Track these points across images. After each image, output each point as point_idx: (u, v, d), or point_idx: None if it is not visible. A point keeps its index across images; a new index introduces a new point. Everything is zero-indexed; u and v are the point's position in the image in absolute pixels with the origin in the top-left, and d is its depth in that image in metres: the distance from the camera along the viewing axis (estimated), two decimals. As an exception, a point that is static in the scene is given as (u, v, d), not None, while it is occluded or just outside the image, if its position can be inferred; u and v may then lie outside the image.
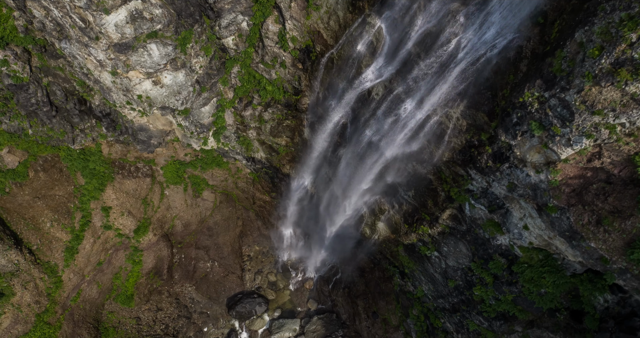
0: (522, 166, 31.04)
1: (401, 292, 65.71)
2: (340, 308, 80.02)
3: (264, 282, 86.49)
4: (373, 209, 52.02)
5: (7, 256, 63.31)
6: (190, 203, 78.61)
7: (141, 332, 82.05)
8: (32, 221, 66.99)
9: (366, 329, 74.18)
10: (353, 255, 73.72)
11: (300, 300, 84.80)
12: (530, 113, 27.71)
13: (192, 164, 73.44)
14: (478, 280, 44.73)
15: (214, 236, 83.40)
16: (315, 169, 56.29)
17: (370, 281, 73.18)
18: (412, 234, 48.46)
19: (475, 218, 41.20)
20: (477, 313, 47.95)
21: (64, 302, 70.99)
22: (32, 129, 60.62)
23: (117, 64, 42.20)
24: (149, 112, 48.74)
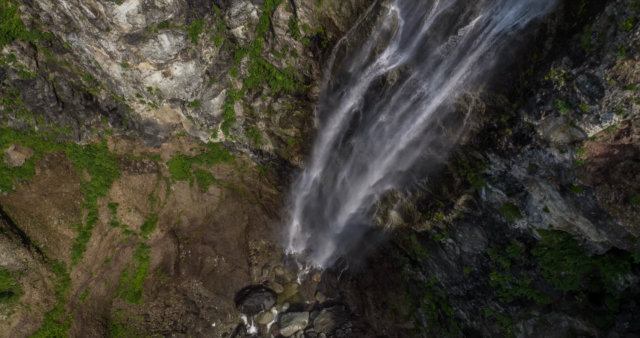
0: (545, 147, 30.64)
1: (411, 282, 65.37)
2: (349, 300, 79.64)
3: (271, 276, 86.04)
4: (385, 198, 51.57)
5: (15, 254, 62.61)
6: (197, 198, 77.98)
7: (150, 328, 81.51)
8: (39, 219, 66.26)
9: (376, 320, 73.85)
10: (361, 246, 73.31)
11: (308, 293, 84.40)
12: (555, 92, 27.28)
13: (197, 159, 72.80)
14: (494, 265, 44.38)
15: (221, 231, 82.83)
16: (325, 159, 55.76)
17: (379, 272, 72.79)
18: (426, 221, 48.05)
19: (491, 203, 40.81)
20: (492, 299, 47.63)
21: (72, 300, 70.34)
22: (38, 125, 59.86)
23: (128, 55, 41.54)
24: (159, 105, 48.10)
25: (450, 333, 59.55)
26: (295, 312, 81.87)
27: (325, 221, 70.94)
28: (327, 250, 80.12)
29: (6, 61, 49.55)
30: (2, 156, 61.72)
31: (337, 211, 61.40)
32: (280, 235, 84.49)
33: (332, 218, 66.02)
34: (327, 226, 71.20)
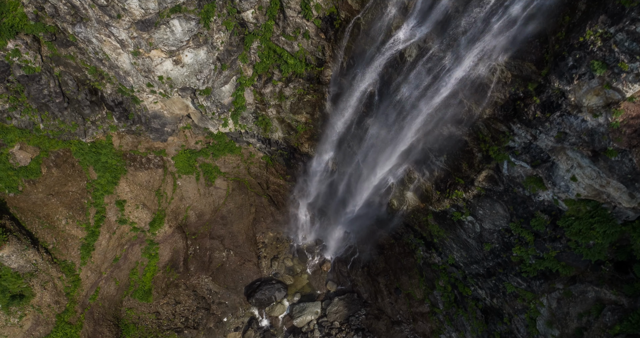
0: (577, 112, 30.06)
1: (425, 265, 64.83)
2: (361, 287, 79.01)
3: (280, 268, 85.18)
4: (402, 179, 50.87)
5: (25, 256, 61.37)
6: (203, 192, 76.89)
7: (161, 326, 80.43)
8: (47, 219, 64.93)
9: (389, 305, 73.28)
10: (371, 233, 72.66)
11: (319, 283, 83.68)
12: (590, 53, 26.67)
13: (203, 153, 71.75)
14: (517, 240, 43.84)
15: (228, 224, 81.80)
16: (336, 144, 54.91)
17: (390, 257, 72.18)
18: (445, 200, 47.45)
19: (513, 176, 40.24)
20: (515, 275, 47.15)
21: (83, 301, 69.15)
22: (43, 123, 58.55)
23: (140, 42, 40.42)
24: (170, 94, 47.05)
25: (468, 313, 59.12)
26: (307, 302, 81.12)
27: (335, 209, 70.21)
28: (336, 239, 79.43)
29: (11, 56, 48.20)
30: (7, 155, 60.37)
31: (349, 197, 60.62)
32: (289, 226, 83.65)
33: (344, 206, 65.28)
34: (338, 214, 70.46)
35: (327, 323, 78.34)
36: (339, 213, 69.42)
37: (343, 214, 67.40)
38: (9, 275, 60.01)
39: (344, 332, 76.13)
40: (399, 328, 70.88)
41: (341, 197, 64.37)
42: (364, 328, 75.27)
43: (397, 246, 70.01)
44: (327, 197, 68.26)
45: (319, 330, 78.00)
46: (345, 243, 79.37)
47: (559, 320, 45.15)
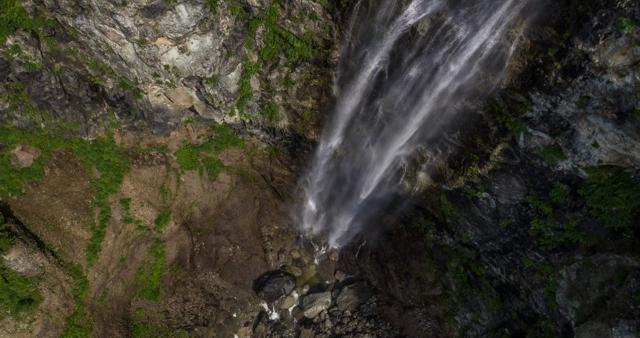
0: (601, 74, 29.50)
1: (435, 247, 64.28)
2: (370, 275, 78.34)
3: (288, 260, 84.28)
4: (413, 160, 50.17)
5: (32, 259, 60.02)
6: (207, 187, 75.74)
7: (171, 325, 79.25)
8: (52, 221, 63.48)
9: (400, 291, 72.70)
10: (379, 219, 72.01)
11: (328, 273, 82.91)
12: (618, 10, 26.10)
13: (205, 147, 70.62)
14: (535, 213, 43.35)
15: (233, 219, 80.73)
16: (344, 129, 54.06)
17: (399, 243, 71.58)
18: (459, 178, 46.84)
19: (530, 148, 39.70)
20: (532, 249, 46.70)
21: (91, 303, 67.83)
22: (44, 122, 57.10)
23: (146, 30, 39.27)
24: (176, 84, 45.92)
25: (483, 292, 58.69)
26: (317, 293, 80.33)
27: (343, 196, 69.43)
28: (343, 228, 78.68)
29: (10, 52, 46.79)
30: (9, 157, 58.86)
31: (358, 183, 59.81)
32: (294, 217, 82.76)
33: (352, 192, 64.47)
34: (345, 201, 69.68)
35: (338, 313, 77.62)
36: (347, 201, 68.66)
37: (351, 201, 66.63)
38: (16, 280, 58.61)
39: (355, 320, 75.45)
40: (412, 313, 70.34)
41: (349, 184, 63.57)
42: (375, 315, 74.64)
43: (406, 231, 69.43)
44: (334, 185, 67.43)
45: (331, 320, 77.26)
46: (353, 231, 78.67)
47: (579, 292, 44.76)
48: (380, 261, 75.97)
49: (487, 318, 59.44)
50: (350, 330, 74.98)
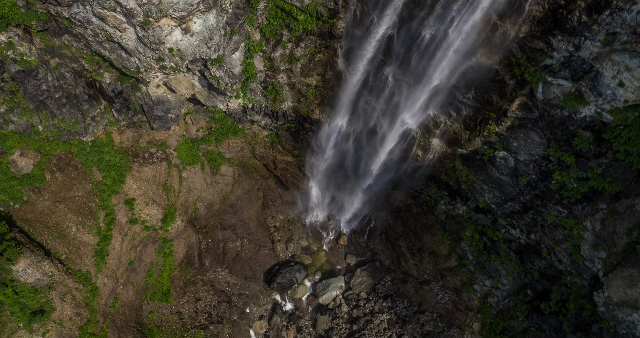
0: (630, 6, 28.82)
1: (447, 218, 63.48)
2: (381, 255, 77.28)
3: (297, 249, 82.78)
4: (426, 126, 49.20)
5: (41, 268, 57.73)
6: (210, 181, 73.86)
7: (185, 325, 77.24)
8: (56, 228, 61.10)
9: (414, 267, 71.78)
10: (386, 198, 71.00)
11: (338, 258, 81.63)
12: None
13: (205, 140, 68.83)
14: (556, 165, 42.69)
15: (238, 212, 78.93)
16: (351, 104, 52.82)
17: (408, 219, 70.64)
18: (476, 139, 46.03)
19: (549, 99, 39.03)
20: (554, 204, 46.07)
21: (103, 310, 65.59)
22: (42, 124, 54.84)
23: (150, 9, 37.51)
24: (181, 67, 44.20)
25: (501, 257, 58.05)
26: (329, 278, 79.04)
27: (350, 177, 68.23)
28: (350, 211, 77.52)
29: (4, 49, 44.58)
30: (8, 164, 56.37)
31: (367, 160, 58.67)
32: (299, 205, 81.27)
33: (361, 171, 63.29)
34: (353, 182, 68.52)
35: (354, 296, 76.40)
36: (355, 181, 67.52)
37: (359, 180, 65.50)
38: (26, 291, 56.23)
39: (372, 301, 74.32)
40: (428, 288, 69.47)
41: (357, 162, 62.40)
42: (392, 294, 73.60)
43: (415, 206, 68.53)
44: (341, 165, 66.12)
45: (346, 304, 76.02)
46: (360, 213, 77.49)
47: (605, 241, 44.26)
48: (390, 240, 74.94)
49: (508, 282, 58.83)
50: (367, 312, 73.83)
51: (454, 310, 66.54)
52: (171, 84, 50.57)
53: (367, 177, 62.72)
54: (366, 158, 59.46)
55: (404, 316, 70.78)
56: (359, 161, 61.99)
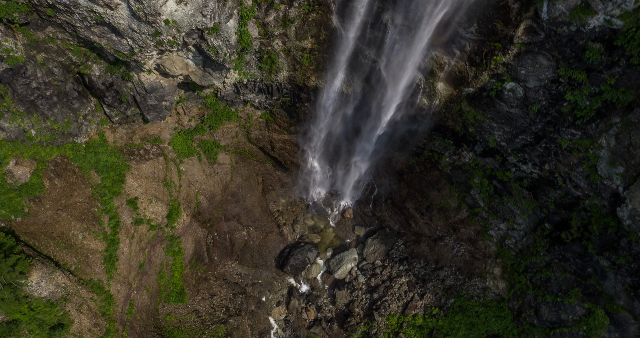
0: None
1: (453, 170, 62.90)
2: (390, 221, 76.29)
3: (304, 229, 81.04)
4: (430, 70, 48.30)
5: (54, 280, 54.63)
6: (209, 171, 71.46)
7: (205, 322, 74.74)
8: (62, 238, 57.90)
9: (425, 226, 71.05)
10: (388, 162, 70.05)
11: (347, 232, 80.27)
12: None
13: (199, 129, 66.54)
14: (567, 86, 42.50)
15: (240, 200, 76.65)
16: (348, 63, 51.49)
17: (412, 180, 69.86)
18: (483, 73, 45.47)
19: (555, 17, 38.72)
20: (567, 126, 45.92)
21: (120, 318, 62.76)
22: (34, 128, 51.74)
23: (144, -24, 35.46)
24: (178, 39, 42.10)
25: (514, 196, 57.82)
26: (342, 252, 77.57)
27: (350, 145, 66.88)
28: (352, 182, 76.13)
29: (-11, 46, 41.52)
30: (4, 175, 52.83)
31: (369, 120, 57.50)
32: (299, 185, 79.49)
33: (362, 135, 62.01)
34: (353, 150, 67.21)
35: (369, 265, 75.21)
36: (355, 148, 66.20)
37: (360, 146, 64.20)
38: (42, 306, 53.05)
39: (388, 267, 73.26)
40: (443, 243, 68.82)
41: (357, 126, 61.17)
42: (407, 256, 72.68)
43: (417, 165, 67.77)
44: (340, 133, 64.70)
45: (363, 274, 74.77)
46: (362, 183, 76.27)
47: (621, 156, 44.27)
48: (396, 204, 74.03)
49: (523, 221, 58.60)
50: (385, 278, 72.74)
51: (472, 260, 66.04)
52: (165, 65, 48.32)
53: (369, 141, 61.58)
54: (368, 120, 58.30)
55: (422, 275, 69.94)
56: (359, 125, 60.83)
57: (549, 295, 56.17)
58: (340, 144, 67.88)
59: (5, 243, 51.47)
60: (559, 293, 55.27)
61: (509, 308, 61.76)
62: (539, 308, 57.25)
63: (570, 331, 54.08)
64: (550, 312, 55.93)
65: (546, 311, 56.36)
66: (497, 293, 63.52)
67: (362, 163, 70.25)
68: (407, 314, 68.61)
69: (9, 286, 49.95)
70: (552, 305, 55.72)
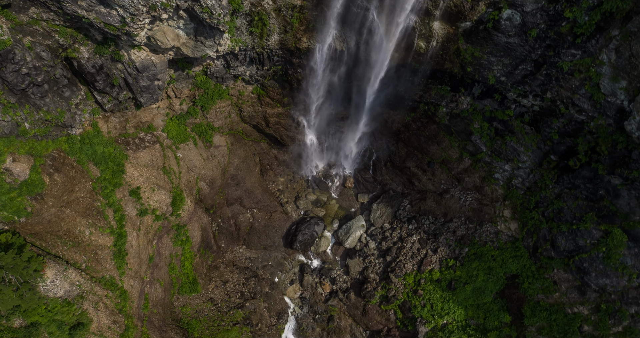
0: None
1: (451, 119, 62.29)
2: (392, 183, 75.25)
3: (307, 205, 79.34)
4: (425, 9, 47.30)
5: (68, 278, 52.07)
6: (206, 155, 69.08)
7: (222, 309, 72.50)
8: (69, 236, 54.92)
9: (429, 182, 70.25)
10: (384, 123, 69.02)
11: (350, 201, 78.92)
12: None
13: (191, 112, 64.24)
14: (565, 3, 42.10)
15: (241, 183, 74.41)
16: (339, 16, 50.02)
17: (410, 138, 68.98)
18: (479, 4, 44.87)
19: None
20: (567, 47, 45.72)
21: (137, 313, 60.18)
22: (27, 121, 48.71)
23: None
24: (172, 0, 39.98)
25: (516, 133, 57.62)
26: (348, 222, 76.06)
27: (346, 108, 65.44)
28: (349, 150, 74.80)
29: (-26, 29, 38.64)
30: (2, 174, 49.48)
31: (365, 75, 56.18)
32: (297, 162, 77.68)
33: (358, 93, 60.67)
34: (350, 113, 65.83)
35: (377, 230, 74.03)
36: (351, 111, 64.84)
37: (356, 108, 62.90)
38: (59, 306, 50.33)
39: (397, 229, 72.23)
40: (449, 195, 68.17)
41: (352, 86, 59.84)
42: (414, 215, 71.77)
43: (414, 122, 66.96)
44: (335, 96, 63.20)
45: (373, 240, 73.57)
46: (359, 149, 74.98)
47: (623, 69, 44.30)
48: (397, 166, 73.05)
49: (528, 158, 58.32)
50: (396, 240, 71.70)
51: (480, 207, 65.55)
52: (156, 37, 46.11)
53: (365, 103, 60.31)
54: (363, 78, 57.04)
55: (433, 231, 69.12)
56: (354, 86, 59.51)
57: (564, 225, 55.94)
58: (335, 111, 66.49)
59: (14, 242, 48.45)
60: (574, 221, 55.08)
61: (524, 246, 61.39)
62: (555, 240, 56.98)
63: (590, 255, 53.93)
64: (567, 241, 55.68)
65: (563, 241, 56.10)
66: (510, 235, 63.11)
67: (358, 128, 69.05)
68: (423, 271, 67.66)
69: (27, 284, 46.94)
70: (568, 234, 55.49)
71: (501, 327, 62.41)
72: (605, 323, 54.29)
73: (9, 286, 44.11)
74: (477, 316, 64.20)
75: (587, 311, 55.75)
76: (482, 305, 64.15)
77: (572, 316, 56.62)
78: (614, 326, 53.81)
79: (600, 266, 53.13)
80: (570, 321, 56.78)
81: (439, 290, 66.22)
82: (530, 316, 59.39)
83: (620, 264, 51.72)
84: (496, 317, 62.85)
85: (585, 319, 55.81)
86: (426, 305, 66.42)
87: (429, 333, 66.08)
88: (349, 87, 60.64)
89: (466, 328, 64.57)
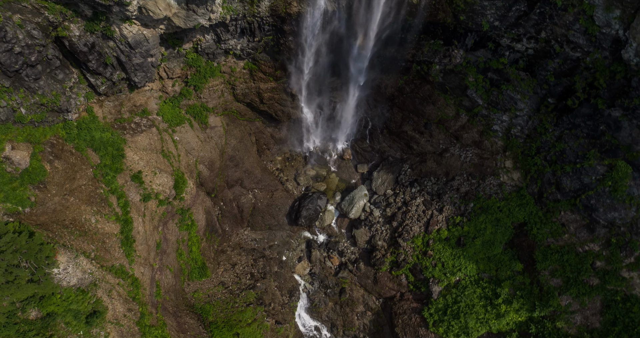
0: None
1: (445, 75, 61.87)
2: (390, 150, 74.68)
3: (307, 180, 78.26)
4: (416, -44, 46.76)
5: (80, 265, 50.24)
6: (203, 137, 67.42)
7: (234, 292, 71.17)
8: (75, 225, 52.91)
9: (427, 144, 69.83)
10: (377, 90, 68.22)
11: (350, 173, 78.11)
12: None
13: (184, 94, 62.65)
14: None
15: (240, 163, 72.92)
16: (330, -26, 49.27)
17: (404, 101, 68.43)
18: (470, -56, 44.31)
19: None
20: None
21: (151, 300, 58.66)
22: (23, 106, 46.66)
23: None
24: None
25: (512, 81, 57.61)
26: (350, 192, 75.11)
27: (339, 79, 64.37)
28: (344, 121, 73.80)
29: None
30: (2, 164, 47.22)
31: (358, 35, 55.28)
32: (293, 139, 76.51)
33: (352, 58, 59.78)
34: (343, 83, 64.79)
35: (381, 197, 73.34)
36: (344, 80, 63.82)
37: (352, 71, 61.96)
38: (73, 295, 48.56)
39: (400, 194, 71.64)
40: (448, 154, 67.83)
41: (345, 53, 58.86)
42: (416, 178, 71.29)
43: (407, 85, 66.40)
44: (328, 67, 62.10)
45: (377, 208, 72.87)
46: (355, 119, 74.05)
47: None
48: (393, 132, 72.44)
49: (525, 105, 58.28)
50: (400, 205, 71.12)
51: (481, 161, 65.34)
52: (148, 7, 44.46)
53: (358, 64, 59.39)
54: (356, 39, 56.14)
55: (436, 191, 68.71)
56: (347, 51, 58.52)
57: (567, 165, 55.98)
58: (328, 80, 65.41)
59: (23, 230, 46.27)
60: (577, 160, 55.16)
61: (529, 194, 61.34)
62: (559, 182, 57.00)
63: (596, 191, 54.03)
64: (572, 180, 55.72)
65: (568, 181, 56.12)
66: (513, 185, 63.03)
67: (353, 97, 68.08)
68: (430, 231, 67.19)
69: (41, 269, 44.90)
70: (573, 173, 55.53)
71: (514, 275, 62.24)
72: (617, 256, 54.46)
73: (25, 271, 42.05)
74: (488, 268, 63.93)
75: (597, 247, 55.84)
76: (492, 257, 63.90)
77: (584, 254, 56.68)
78: (625, 258, 54.01)
79: (607, 201, 53.23)
80: (582, 259, 56.84)
81: (449, 248, 65.77)
82: (542, 260, 59.32)
83: (628, 195, 51.87)
84: (508, 267, 62.68)
85: (597, 255, 55.91)
86: (437, 264, 65.91)
87: (443, 291, 65.62)
88: (342, 52, 59.68)
89: (479, 281, 64.27)
